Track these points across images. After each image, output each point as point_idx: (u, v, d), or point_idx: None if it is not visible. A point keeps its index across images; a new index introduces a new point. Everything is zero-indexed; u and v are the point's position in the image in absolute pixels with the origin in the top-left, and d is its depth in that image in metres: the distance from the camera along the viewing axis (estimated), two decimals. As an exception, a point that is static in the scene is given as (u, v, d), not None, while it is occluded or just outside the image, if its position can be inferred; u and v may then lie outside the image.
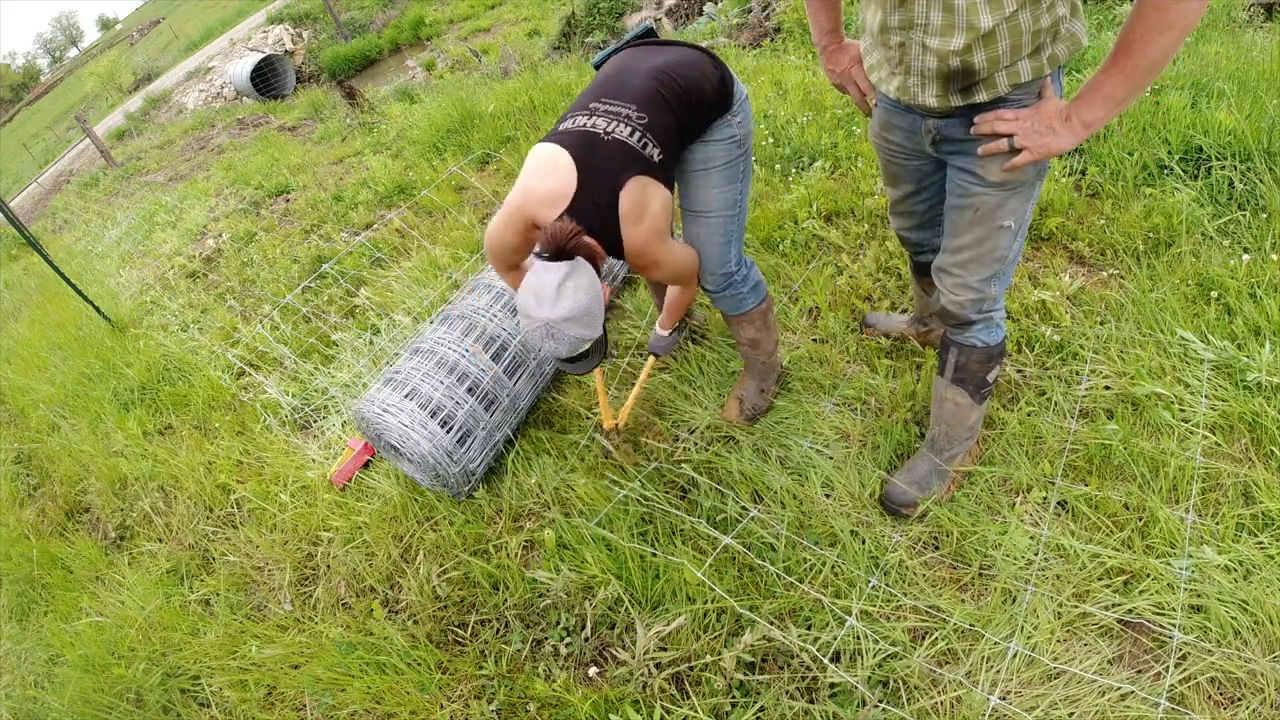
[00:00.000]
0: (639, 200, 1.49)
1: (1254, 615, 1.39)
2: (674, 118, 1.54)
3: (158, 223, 6.20)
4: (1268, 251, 2.01)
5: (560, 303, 1.42)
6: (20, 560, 2.86)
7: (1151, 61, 1.07)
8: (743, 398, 2.07)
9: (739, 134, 1.65)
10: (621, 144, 1.48)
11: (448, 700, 1.73)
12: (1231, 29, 3.29)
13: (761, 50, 4.74)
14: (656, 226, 1.54)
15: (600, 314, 1.51)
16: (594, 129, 1.50)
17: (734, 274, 1.78)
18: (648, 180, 1.50)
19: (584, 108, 1.56)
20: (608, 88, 1.57)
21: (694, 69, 1.57)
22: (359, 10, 17.07)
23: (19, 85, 64.74)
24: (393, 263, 3.64)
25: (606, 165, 1.47)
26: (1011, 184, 1.32)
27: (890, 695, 1.47)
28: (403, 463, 2.27)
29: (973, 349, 1.57)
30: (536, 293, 1.43)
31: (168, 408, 3.29)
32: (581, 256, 1.45)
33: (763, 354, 1.99)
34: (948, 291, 1.51)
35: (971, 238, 1.42)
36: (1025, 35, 1.14)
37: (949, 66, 1.20)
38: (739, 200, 1.71)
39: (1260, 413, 1.67)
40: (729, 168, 1.66)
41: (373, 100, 7.56)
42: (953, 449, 1.74)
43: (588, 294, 1.44)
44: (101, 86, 23.32)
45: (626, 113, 1.51)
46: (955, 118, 1.32)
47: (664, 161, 1.52)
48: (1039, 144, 1.20)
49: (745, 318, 1.87)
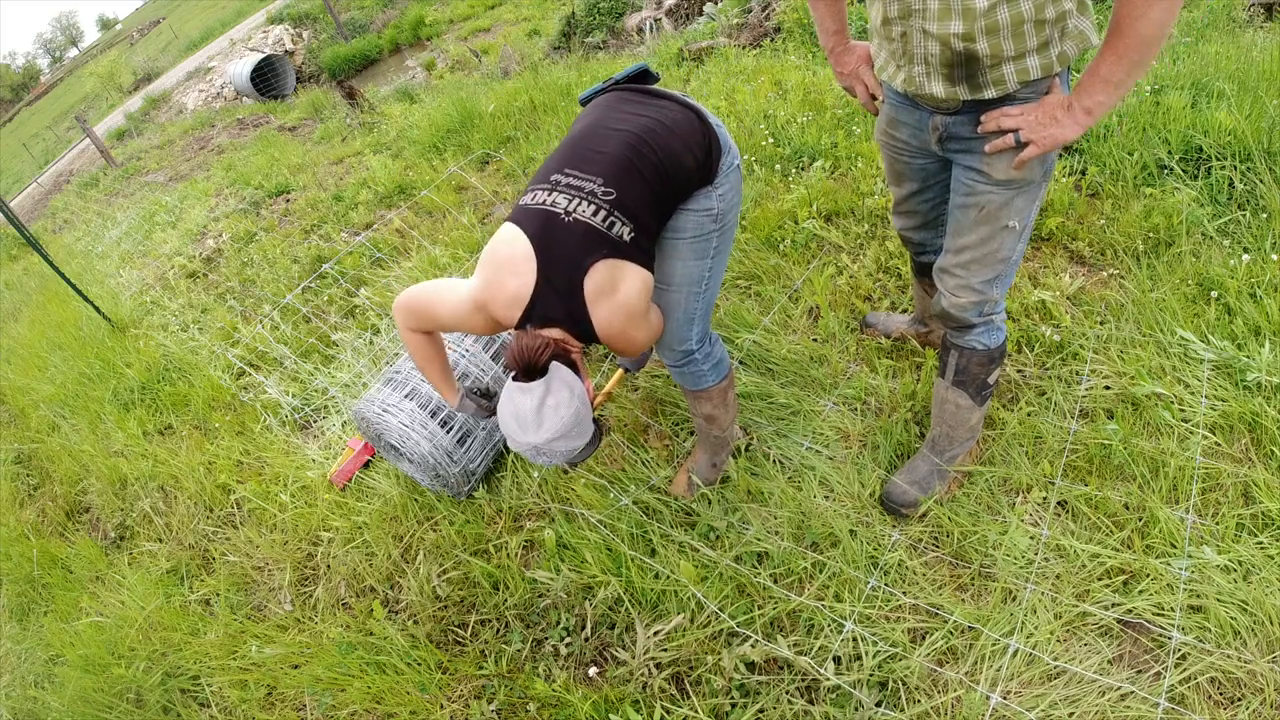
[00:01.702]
0: (607, 283, 1.34)
1: (1253, 615, 1.39)
2: (649, 190, 1.38)
3: (158, 223, 6.21)
4: (1268, 251, 2.01)
5: (544, 426, 1.31)
6: (20, 560, 2.86)
7: (1143, 38, 1.06)
8: (692, 471, 1.95)
9: (718, 208, 1.48)
10: (584, 225, 1.33)
11: (448, 700, 1.73)
12: (1231, 29, 3.29)
13: (761, 50, 4.75)
14: (629, 308, 1.37)
15: (588, 416, 1.39)
16: (554, 208, 1.35)
17: (693, 352, 1.66)
18: (616, 263, 1.34)
19: (546, 180, 1.40)
20: (574, 155, 1.41)
21: (677, 139, 1.40)
22: (359, 10, 17.08)
23: (19, 85, 64.73)
24: (393, 263, 3.64)
25: (568, 251, 1.33)
26: (1018, 183, 1.32)
27: (890, 696, 1.47)
28: (403, 463, 2.27)
29: (973, 352, 1.57)
30: (517, 419, 1.33)
31: (168, 408, 3.29)
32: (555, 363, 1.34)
33: (717, 429, 1.86)
34: (949, 293, 1.50)
35: (975, 238, 1.41)
36: (1028, 25, 1.13)
37: (952, 51, 1.20)
38: (706, 278, 1.55)
39: (1260, 413, 1.67)
40: (698, 242, 1.50)
41: (373, 100, 7.56)
42: (953, 449, 1.74)
43: (569, 407, 1.33)
44: (101, 87, 23.36)
45: (591, 188, 1.35)
46: (962, 115, 1.31)
47: (637, 240, 1.36)
48: (1044, 135, 1.20)
49: (704, 394, 1.75)
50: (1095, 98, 1.14)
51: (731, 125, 3.58)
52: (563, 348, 1.37)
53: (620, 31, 7.73)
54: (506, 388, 1.36)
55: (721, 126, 1.50)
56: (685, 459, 2.05)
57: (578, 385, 1.37)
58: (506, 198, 4.07)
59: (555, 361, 1.34)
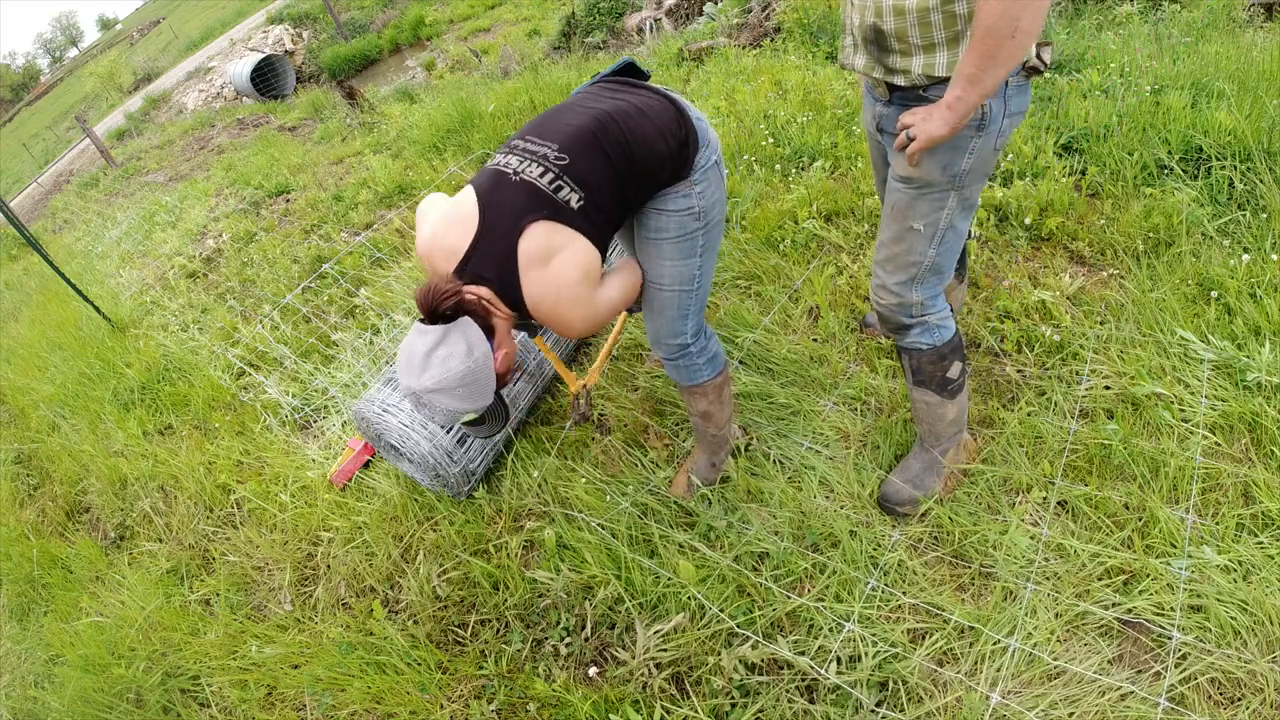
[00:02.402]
0: (541, 247, 1.31)
1: (1253, 615, 1.39)
2: (610, 167, 1.35)
3: (158, 223, 6.20)
4: (1268, 251, 2.01)
5: (427, 372, 1.28)
6: (20, 560, 2.86)
7: (986, 27, 1.07)
8: (692, 472, 1.95)
9: (698, 206, 1.47)
10: (530, 185, 1.31)
11: (448, 700, 1.73)
12: (1231, 29, 3.29)
13: (761, 50, 4.75)
14: (562, 284, 1.32)
15: (486, 383, 1.34)
16: (505, 168, 1.36)
17: (689, 345, 1.65)
18: (557, 226, 1.31)
19: (507, 145, 1.42)
20: (538, 125, 1.42)
21: (649, 122, 1.38)
22: (359, 10, 17.09)
23: (19, 85, 64.72)
24: (393, 263, 3.64)
25: (508, 207, 1.31)
26: (915, 181, 1.36)
27: (890, 696, 1.47)
28: (403, 463, 2.27)
29: (919, 351, 1.58)
30: (406, 358, 1.30)
31: (168, 408, 3.29)
32: (467, 317, 1.30)
33: (713, 427, 1.85)
34: (872, 292, 1.56)
35: (888, 235, 1.46)
36: (935, 14, 1.17)
37: (865, 24, 1.27)
38: (696, 275, 1.56)
39: (1260, 413, 1.67)
40: (684, 241, 1.50)
41: (373, 100, 7.56)
42: (941, 445, 1.75)
43: (462, 363, 1.28)
44: (101, 87, 23.37)
45: (544, 152, 1.35)
46: (892, 106, 1.37)
47: (585, 210, 1.33)
48: (921, 130, 1.24)
49: (698, 389, 1.75)
50: (954, 92, 1.17)
51: (731, 125, 3.58)
52: (482, 306, 1.33)
53: (620, 31, 7.73)
54: (413, 328, 1.34)
55: (703, 120, 1.49)
56: (685, 459, 2.05)
57: (481, 345, 1.32)
58: (506, 198, 4.07)
59: (467, 316, 1.31)
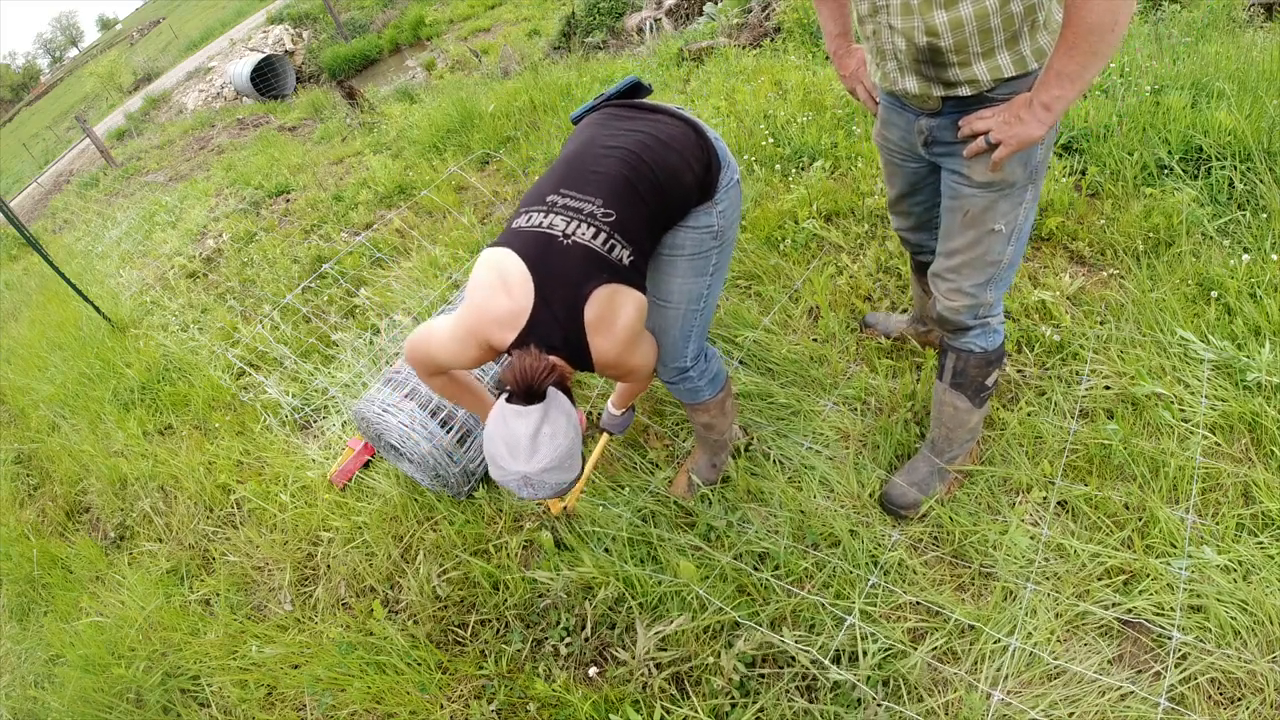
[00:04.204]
0: (607, 310, 1.29)
1: (1253, 615, 1.39)
2: (646, 209, 1.34)
3: (158, 223, 6.20)
4: (1268, 251, 2.01)
5: (538, 454, 1.23)
6: (20, 560, 2.86)
7: (1089, 25, 1.04)
8: (692, 471, 1.95)
9: (718, 225, 1.46)
10: (584, 249, 1.27)
11: (448, 700, 1.73)
12: (1231, 29, 3.29)
13: (761, 50, 4.75)
14: (628, 336, 1.33)
15: (579, 449, 1.31)
16: (552, 230, 1.29)
17: (688, 370, 1.64)
18: (616, 288, 1.29)
19: (541, 201, 1.34)
20: (570, 175, 1.36)
21: (674, 153, 1.36)
22: (359, 10, 17.08)
23: (19, 85, 64.71)
24: (393, 263, 3.64)
25: (567, 275, 1.27)
26: (998, 185, 1.32)
27: (891, 694, 1.47)
28: (403, 463, 2.27)
29: (970, 354, 1.57)
30: (509, 444, 1.23)
31: (168, 408, 3.29)
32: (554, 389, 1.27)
33: (715, 434, 1.86)
34: (942, 297, 1.51)
35: (964, 241, 1.42)
36: (995, 18, 1.13)
37: (916, 46, 1.20)
38: (705, 295, 1.53)
39: (1260, 413, 1.67)
40: (698, 259, 1.48)
41: (373, 100, 7.56)
42: (953, 451, 1.74)
43: (566, 436, 1.25)
44: (101, 87, 23.36)
45: (590, 209, 1.30)
46: (944, 117, 1.32)
47: (635, 263, 1.32)
48: (1010, 135, 1.20)
49: (700, 406, 1.75)
50: (1051, 92, 1.14)
51: (731, 125, 3.58)
52: (562, 376, 1.31)
53: (620, 31, 7.73)
54: (499, 409, 1.26)
55: (720, 140, 1.48)
56: (685, 459, 2.05)
57: (574, 415, 1.30)
58: (507, 198, 4.07)
59: (554, 388, 1.27)
